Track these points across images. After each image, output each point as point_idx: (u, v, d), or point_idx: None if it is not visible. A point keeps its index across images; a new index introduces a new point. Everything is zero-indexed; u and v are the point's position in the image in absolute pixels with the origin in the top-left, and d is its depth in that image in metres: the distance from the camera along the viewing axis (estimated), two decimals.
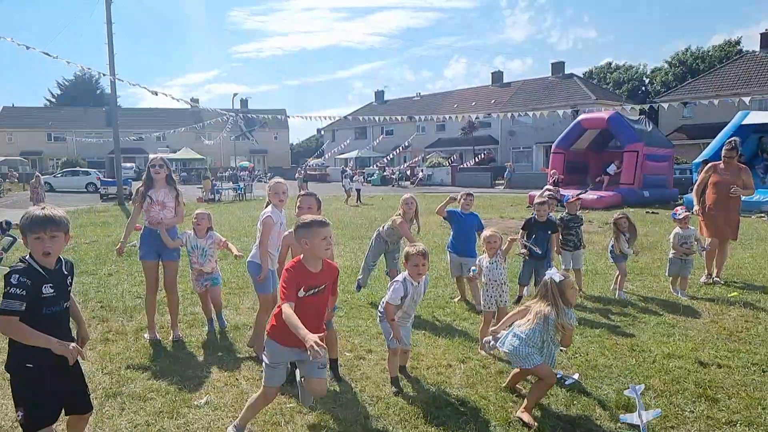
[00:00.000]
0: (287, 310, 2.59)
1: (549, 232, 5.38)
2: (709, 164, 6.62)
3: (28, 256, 2.29)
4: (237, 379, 3.69)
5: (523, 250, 5.27)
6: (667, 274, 5.95)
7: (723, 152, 6.42)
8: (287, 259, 3.74)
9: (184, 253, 4.77)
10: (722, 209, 6.32)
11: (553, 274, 3.11)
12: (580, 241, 5.98)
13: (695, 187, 6.68)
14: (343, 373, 3.75)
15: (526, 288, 5.46)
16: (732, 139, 6.76)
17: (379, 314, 3.57)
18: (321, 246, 2.72)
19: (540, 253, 5.21)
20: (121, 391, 3.48)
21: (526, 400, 3.13)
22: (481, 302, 4.36)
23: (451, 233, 5.67)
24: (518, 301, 5.41)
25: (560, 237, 5.76)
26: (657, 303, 5.48)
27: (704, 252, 6.15)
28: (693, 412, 3.15)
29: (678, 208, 6.11)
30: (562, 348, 4.13)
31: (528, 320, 3.13)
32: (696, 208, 6.47)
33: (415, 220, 5.51)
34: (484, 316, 4.26)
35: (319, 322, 2.84)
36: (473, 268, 4.45)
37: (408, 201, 5.42)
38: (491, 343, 3.37)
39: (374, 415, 3.14)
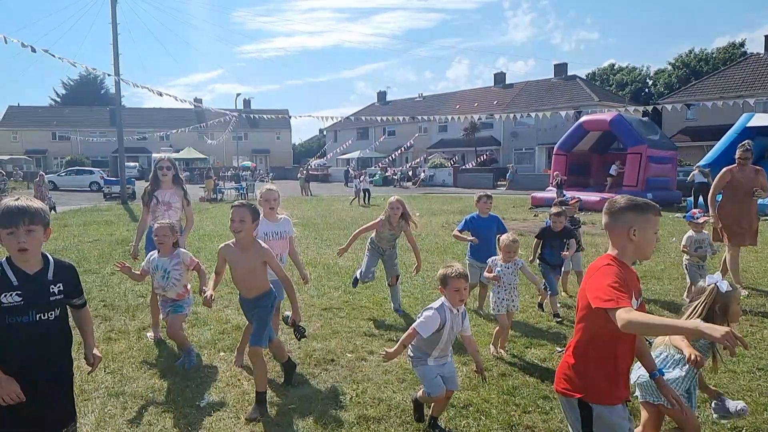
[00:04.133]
0: (636, 317, 1.71)
1: (564, 240, 5.27)
2: (725, 169, 6.29)
3: (4, 259, 2.02)
4: (239, 379, 3.68)
5: (536, 261, 5.21)
6: (689, 281, 5.66)
7: (738, 154, 6.17)
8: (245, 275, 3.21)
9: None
10: (744, 214, 6.07)
11: (719, 281, 2.48)
12: (579, 243, 5.97)
13: (710, 192, 6.34)
14: (345, 374, 3.75)
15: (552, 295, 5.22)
16: (745, 141, 6.58)
17: (410, 357, 3.04)
18: (652, 241, 2.01)
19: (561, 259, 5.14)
20: (124, 390, 3.48)
21: None
22: (491, 306, 4.26)
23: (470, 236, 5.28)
24: (557, 316, 5.06)
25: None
26: (660, 306, 5.45)
27: (714, 254, 5.85)
28: (698, 417, 3.12)
29: (695, 210, 5.85)
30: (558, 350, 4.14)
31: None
32: (712, 219, 6.07)
33: (409, 222, 5.17)
34: (500, 320, 4.16)
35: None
36: (491, 275, 4.23)
37: (393, 205, 5.06)
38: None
39: (376, 417, 3.13)
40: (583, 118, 18.67)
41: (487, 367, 3.84)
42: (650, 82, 56.48)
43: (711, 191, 6.34)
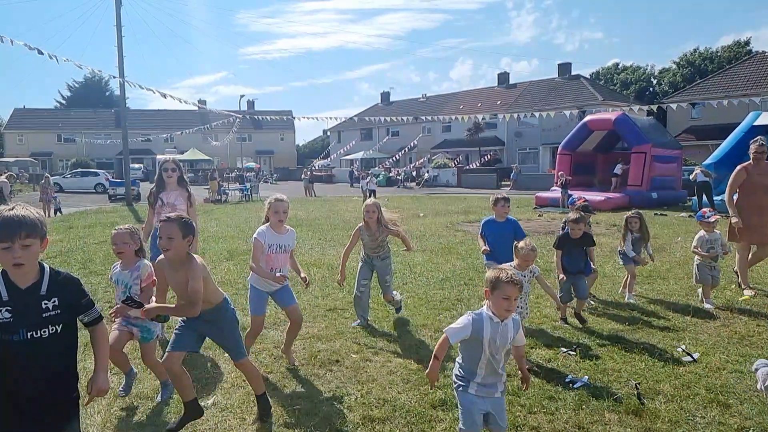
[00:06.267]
0: None
1: (584, 248, 5.05)
2: (739, 167, 6.09)
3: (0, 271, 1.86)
4: (244, 380, 3.67)
5: (561, 276, 4.93)
6: (695, 282, 5.54)
7: (753, 149, 6.02)
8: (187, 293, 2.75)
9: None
10: (764, 210, 5.88)
11: None
12: None
13: (727, 192, 6.11)
14: (350, 375, 3.75)
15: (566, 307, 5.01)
16: (758, 137, 6.46)
17: (455, 377, 2.60)
18: None
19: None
20: (129, 391, 3.49)
21: None
22: None
23: (485, 245, 5.02)
24: (565, 322, 4.88)
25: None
26: (666, 306, 5.41)
27: (726, 255, 5.72)
28: (704, 418, 3.10)
29: (706, 209, 5.71)
30: (570, 353, 4.12)
31: None
32: (735, 219, 5.87)
33: (386, 226, 4.84)
34: None
35: None
36: None
37: (368, 208, 4.82)
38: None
39: (380, 417, 3.13)
40: (588, 118, 18.61)
41: None
42: (655, 81, 56.29)
43: (728, 191, 6.09)
